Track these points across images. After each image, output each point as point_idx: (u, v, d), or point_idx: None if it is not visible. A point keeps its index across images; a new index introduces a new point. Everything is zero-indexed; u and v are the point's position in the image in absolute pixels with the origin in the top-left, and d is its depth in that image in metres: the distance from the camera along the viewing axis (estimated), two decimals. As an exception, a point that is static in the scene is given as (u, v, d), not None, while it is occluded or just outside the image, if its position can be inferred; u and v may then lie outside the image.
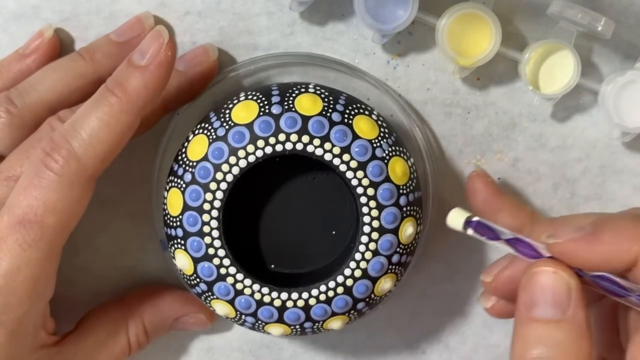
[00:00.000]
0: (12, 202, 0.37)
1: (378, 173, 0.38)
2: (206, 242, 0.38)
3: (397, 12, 0.41)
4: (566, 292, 0.33)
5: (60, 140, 0.37)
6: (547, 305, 0.33)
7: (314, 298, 0.39)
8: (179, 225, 0.39)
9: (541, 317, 0.33)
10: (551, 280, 0.34)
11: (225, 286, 0.39)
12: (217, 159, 0.38)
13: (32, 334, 0.38)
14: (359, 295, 0.39)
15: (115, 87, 0.37)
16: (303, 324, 0.39)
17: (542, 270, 0.34)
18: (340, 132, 0.38)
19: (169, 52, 0.38)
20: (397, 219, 0.39)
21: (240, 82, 0.44)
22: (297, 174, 0.41)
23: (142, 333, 0.43)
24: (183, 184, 0.38)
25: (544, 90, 0.42)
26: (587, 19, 0.41)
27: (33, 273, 0.36)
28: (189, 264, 0.39)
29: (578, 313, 0.33)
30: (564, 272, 0.34)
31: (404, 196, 0.39)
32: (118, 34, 0.42)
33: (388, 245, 0.39)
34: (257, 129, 0.38)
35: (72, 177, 0.36)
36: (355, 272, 0.39)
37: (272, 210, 0.41)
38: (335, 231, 0.41)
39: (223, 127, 0.38)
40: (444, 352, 0.47)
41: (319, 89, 0.40)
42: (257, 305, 0.39)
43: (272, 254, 0.41)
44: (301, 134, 0.38)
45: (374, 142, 0.39)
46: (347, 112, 0.39)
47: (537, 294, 0.34)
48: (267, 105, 0.38)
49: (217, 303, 0.39)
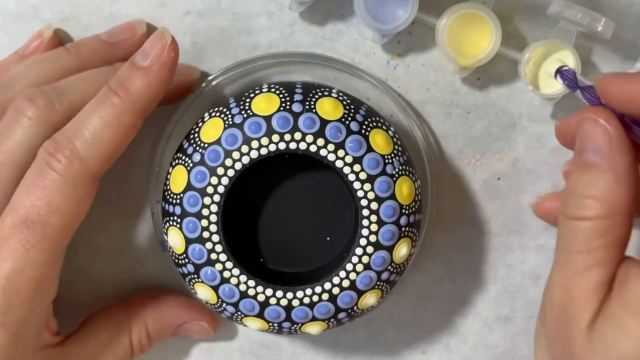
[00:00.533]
0: (16, 203, 0.36)
1: (385, 189, 0.38)
2: (202, 225, 0.38)
3: (397, 12, 0.41)
4: (606, 139, 0.34)
5: (63, 140, 0.37)
6: (590, 150, 0.34)
7: (298, 299, 0.39)
8: (178, 203, 0.38)
9: (586, 160, 0.34)
10: (592, 127, 0.34)
11: (212, 271, 0.39)
12: (230, 145, 0.38)
13: (35, 335, 0.38)
14: (342, 305, 0.39)
15: (118, 88, 0.37)
16: (282, 322, 0.39)
17: (587, 117, 0.35)
18: (355, 141, 0.38)
19: (172, 54, 0.38)
20: (395, 237, 0.39)
21: (239, 82, 0.44)
22: (304, 175, 0.41)
23: (145, 337, 0.43)
24: (191, 163, 0.38)
25: (544, 90, 0.42)
26: (587, 19, 0.41)
27: (36, 274, 0.36)
28: (181, 242, 0.39)
29: (617, 160, 0.34)
30: (606, 120, 0.34)
31: (405, 216, 0.39)
32: (109, 34, 0.42)
33: (381, 261, 0.39)
34: (275, 123, 0.38)
35: (75, 177, 0.36)
36: (344, 282, 0.39)
37: (274, 206, 0.41)
38: (330, 237, 0.41)
39: (241, 114, 0.38)
40: (444, 352, 0.47)
41: (342, 95, 0.40)
42: (240, 296, 0.39)
43: (266, 250, 0.41)
44: (317, 136, 0.38)
45: (387, 157, 0.39)
46: (366, 123, 0.39)
47: (582, 139, 0.35)
48: (289, 102, 0.38)
49: (201, 287, 0.39)
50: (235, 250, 0.39)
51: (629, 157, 0.34)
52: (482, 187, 0.45)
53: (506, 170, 0.45)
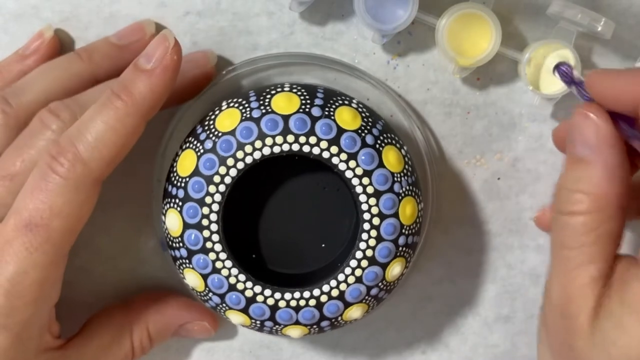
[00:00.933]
0: (19, 206, 0.36)
1: (390, 206, 0.38)
2: (203, 212, 0.38)
3: (397, 12, 0.41)
4: (594, 132, 0.34)
5: (66, 143, 0.37)
6: (578, 143, 0.35)
7: (285, 301, 0.39)
8: (182, 187, 0.38)
9: (575, 154, 0.35)
10: (582, 121, 0.35)
11: (204, 259, 0.39)
12: (244, 137, 0.38)
13: (37, 337, 0.38)
14: (328, 314, 0.39)
15: (121, 91, 0.37)
16: (264, 321, 0.39)
17: (577, 111, 0.35)
18: (368, 155, 0.38)
19: (175, 56, 0.38)
20: (390, 255, 0.39)
21: (239, 82, 0.44)
22: (310, 178, 0.41)
23: (146, 338, 0.43)
24: (202, 149, 0.38)
25: (544, 90, 0.42)
26: (587, 19, 0.41)
27: (39, 276, 0.36)
28: (178, 225, 0.39)
29: (606, 154, 0.34)
30: (596, 115, 0.34)
31: (404, 236, 0.39)
32: (118, 37, 0.42)
33: (373, 277, 0.39)
34: (293, 123, 0.38)
35: (78, 180, 0.36)
36: (333, 291, 0.39)
37: (276, 206, 0.41)
38: (326, 244, 0.41)
39: (260, 109, 0.38)
40: (444, 352, 0.47)
41: (361, 106, 0.40)
42: (228, 288, 0.39)
43: (261, 248, 0.41)
44: (332, 143, 0.38)
45: (396, 175, 0.39)
46: (382, 138, 0.39)
47: (572, 133, 0.35)
48: (309, 105, 0.38)
49: (190, 273, 0.39)
50: (231, 243, 0.39)
51: (619, 150, 0.34)
52: (482, 187, 0.45)
53: (506, 170, 0.45)
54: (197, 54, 0.43)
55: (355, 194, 0.38)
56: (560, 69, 0.40)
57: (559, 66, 0.40)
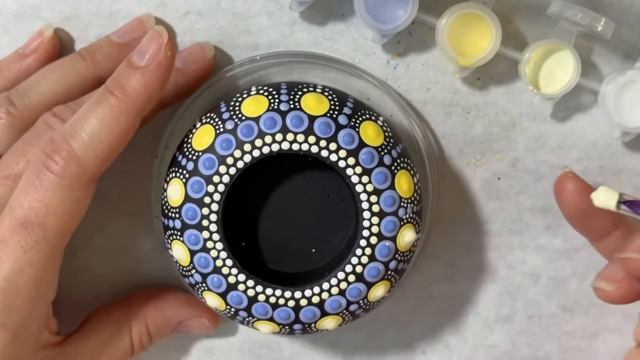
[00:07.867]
0: (14, 204, 0.37)
1: (383, 180, 0.38)
2: (204, 237, 0.38)
3: (397, 12, 0.41)
4: None
5: (61, 141, 0.37)
6: None
7: (306, 299, 0.39)
8: (177, 217, 0.39)
9: None
10: None
11: (218, 279, 0.39)
12: (224, 150, 0.38)
13: (35, 335, 0.38)
14: (352, 298, 0.39)
15: (115, 88, 0.37)
16: (292, 324, 0.40)
17: None
18: (347, 135, 0.38)
19: (169, 53, 0.38)
20: (397, 226, 0.39)
21: (240, 81, 0.44)
22: (303, 174, 0.41)
23: (145, 335, 0.43)
24: (186, 174, 0.38)
25: (544, 90, 0.42)
26: (587, 19, 0.41)
27: (36, 275, 0.36)
28: (185, 255, 0.39)
29: None
30: None
31: (404, 208, 0.39)
32: (119, 35, 0.42)
33: (386, 251, 0.39)
34: (263, 124, 0.38)
35: (72, 178, 0.36)
36: (350, 276, 0.39)
37: (273, 207, 0.41)
38: (332, 235, 0.41)
39: (232, 119, 0.38)
40: (444, 352, 0.47)
41: (327, 90, 0.40)
42: (248, 301, 0.39)
43: (268, 251, 0.41)
44: (308, 134, 0.38)
45: (381, 148, 0.39)
46: (355, 116, 0.39)
47: None
48: (277, 102, 0.38)
49: (209, 295, 0.39)
50: (238, 255, 0.39)
51: None
52: (482, 187, 0.45)
53: (506, 170, 0.45)
54: (194, 47, 0.43)
55: (347, 176, 0.38)
56: (634, 204, 0.36)
57: (629, 201, 0.36)
